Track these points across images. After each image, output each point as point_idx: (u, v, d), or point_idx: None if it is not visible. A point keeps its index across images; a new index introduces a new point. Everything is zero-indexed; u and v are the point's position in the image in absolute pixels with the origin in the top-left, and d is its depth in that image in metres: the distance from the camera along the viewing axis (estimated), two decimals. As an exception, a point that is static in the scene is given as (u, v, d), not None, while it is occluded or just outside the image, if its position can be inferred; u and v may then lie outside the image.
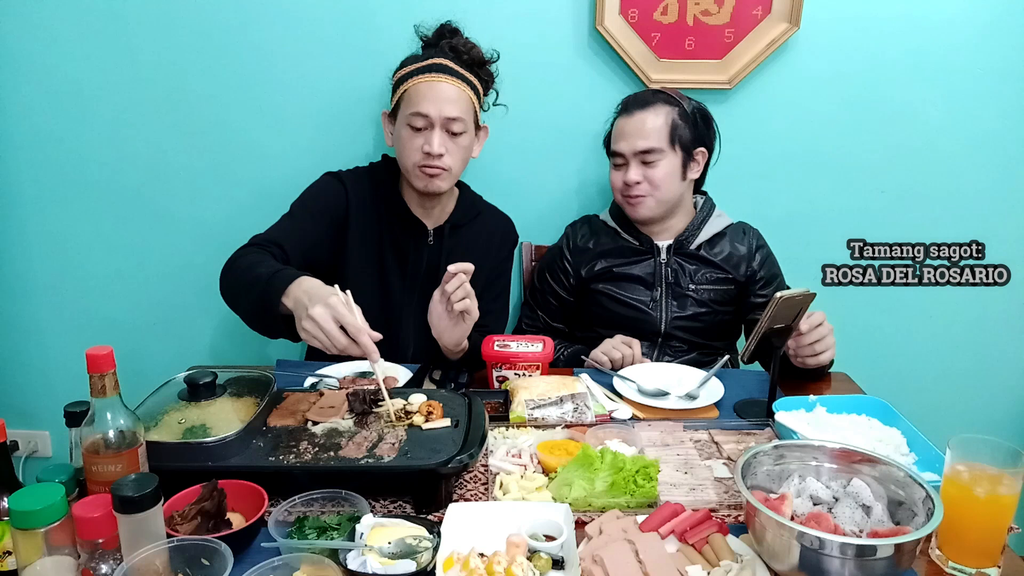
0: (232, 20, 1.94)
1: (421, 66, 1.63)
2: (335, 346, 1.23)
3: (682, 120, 1.73)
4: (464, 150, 1.67)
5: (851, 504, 1.05)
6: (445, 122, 1.61)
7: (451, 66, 1.64)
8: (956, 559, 1.02)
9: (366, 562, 0.94)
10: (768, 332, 1.38)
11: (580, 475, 1.15)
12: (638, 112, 1.73)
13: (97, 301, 2.17)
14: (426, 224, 1.76)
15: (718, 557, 1.00)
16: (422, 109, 1.60)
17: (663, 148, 1.72)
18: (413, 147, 1.63)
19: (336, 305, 1.23)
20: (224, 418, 1.16)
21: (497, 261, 1.86)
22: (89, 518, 0.89)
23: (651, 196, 1.75)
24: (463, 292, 1.48)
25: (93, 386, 0.97)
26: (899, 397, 1.48)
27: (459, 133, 1.63)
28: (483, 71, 1.71)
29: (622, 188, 1.77)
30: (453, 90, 1.62)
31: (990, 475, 1.01)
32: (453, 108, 1.61)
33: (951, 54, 1.96)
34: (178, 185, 2.07)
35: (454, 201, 1.81)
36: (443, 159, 1.62)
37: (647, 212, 1.77)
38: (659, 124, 1.72)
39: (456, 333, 1.56)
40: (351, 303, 1.25)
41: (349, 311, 1.23)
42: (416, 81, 1.62)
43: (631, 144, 1.73)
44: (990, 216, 2.08)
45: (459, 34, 1.70)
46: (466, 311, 1.50)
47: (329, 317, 1.22)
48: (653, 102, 1.74)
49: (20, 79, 1.99)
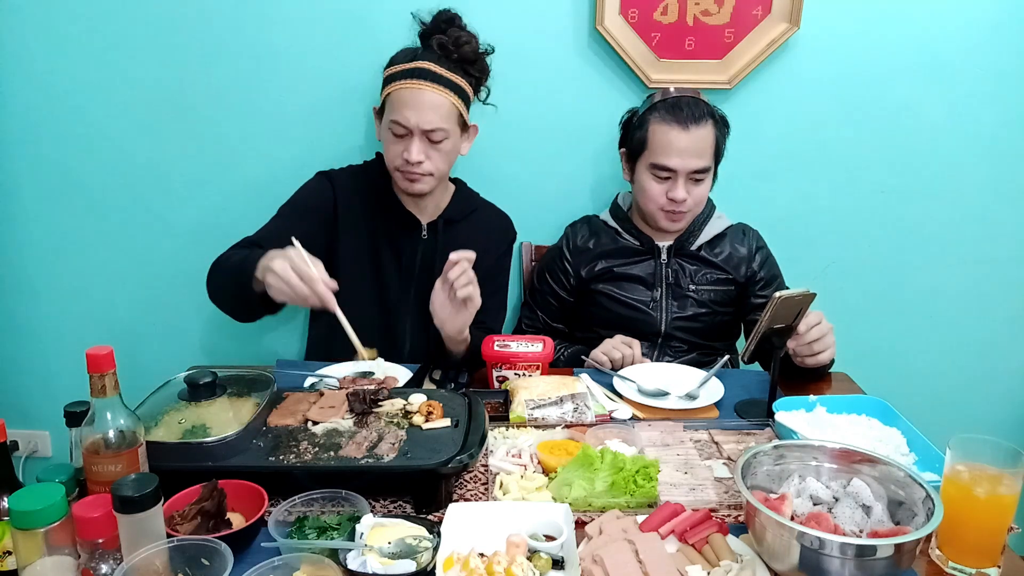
0: (229, 20, 1.94)
1: (406, 69, 1.61)
2: (296, 294, 1.32)
3: (719, 132, 1.71)
4: (447, 155, 1.66)
5: (851, 504, 1.05)
6: (425, 132, 1.60)
7: (436, 71, 1.61)
8: (956, 559, 1.02)
9: (366, 562, 0.94)
10: (768, 332, 1.38)
11: (580, 475, 1.15)
12: (694, 128, 1.65)
13: (97, 301, 2.17)
14: (420, 219, 1.76)
15: (718, 557, 1.00)
16: (401, 119, 1.59)
17: (711, 166, 1.71)
18: (395, 152, 1.64)
19: (293, 257, 1.32)
20: (224, 418, 1.16)
21: (495, 258, 1.85)
22: (89, 518, 0.89)
23: (691, 212, 1.74)
24: (466, 279, 1.48)
25: (93, 386, 0.97)
26: (899, 397, 1.48)
27: (440, 141, 1.62)
28: (474, 67, 1.67)
29: (665, 203, 1.71)
30: (436, 98, 1.59)
31: (990, 475, 1.01)
32: (434, 117, 1.59)
33: (951, 54, 1.96)
34: (178, 185, 2.07)
35: (449, 196, 1.81)
36: (423, 165, 1.62)
37: (682, 227, 1.77)
38: (710, 142, 1.68)
39: (458, 321, 1.55)
40: (307, 256, 1.34)
41: (304, 262, 1.32)
42: (399, 86, 1.60)
43: (686, 163, 1.66)
44: (990, 216, 2.08)
45: (456, 23, 1.67)
46: (468, 298, 1.49)
47: (287, 267, 1.32)
48: (704, 116, 1.67)
49: (20, 79, 1.99)
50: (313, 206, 1.71)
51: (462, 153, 1.73)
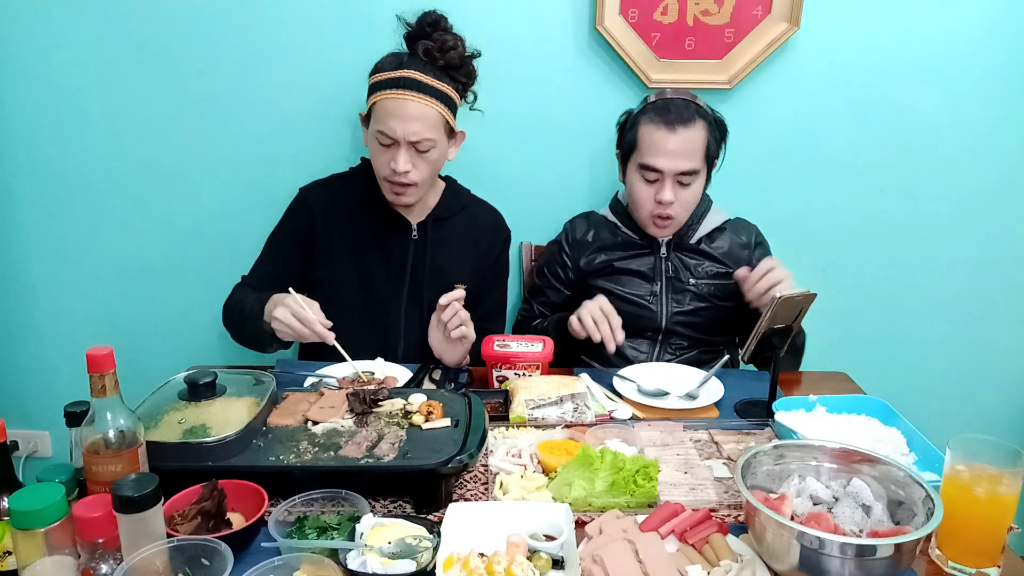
0: (229, 20, 1.94)
1: (391, 78, 1.59)
2: (299, 335, 1.52)
3: (710, 135, 1.70)
4: (433, 163, 1.65)
5: (851, 504, 1.05)
6: (411, 142, 1.59)
7: (421, 80, 1.58)
8: (956, 559, 1.02)
9: (366, 562, 0.94)
10: (768, 332, 1.38)
11: (580, 475, 1.15)
12: (682, 129, 1.65)
13: (97, 301, 2.17)
14: (409, 219, 1.76)
15: (718, 557, 1.00)
16: (387, 129, 1.58)
17: (700, 169, 1.70)
18: (381, 161, 1.64)
19: (291, 304, 1.50)
20: (224, 418, 1.16)
21: (490, 259, 1.85)
22: (89, 518, 0.89)
23: (679, 217, 1.74)
24: (457, 320, 1.56)
25: (93, 386, 0.97)
26: (899, 397, 1.48)
27: (427, 150, 1.61)
28: (460, 72, 1.64)
29: (653, 207, 1.71)
30: (420, 108, 1.58)
31: (990, 475, 1.01)
32: (419, 128, 1.58)
33: (951, 54, 1.96)
34: (178, 185, 2.07)
35: (438, 195, 1.80)
36: (409, 175, 1.61)
37: (672, 232, 1.77)
38: (699, 144, 1.68)
39: (456, 354, 1.65)
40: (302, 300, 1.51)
41: (301, 307, 1.50)
42: (384, 96, 1.59)
43: (673, 164, 1.66)
44: (990, 216, 2.08)
45: (441, 25, 1.63)
46: (464, 337, 1.58)
47: (288, 314, 1.50)
48: (693, 118, 1.66)
49: (20, 79, 1.99)
50: (292, 233, 1.77)
51: (449, 159, 1.72)
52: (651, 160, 1.68)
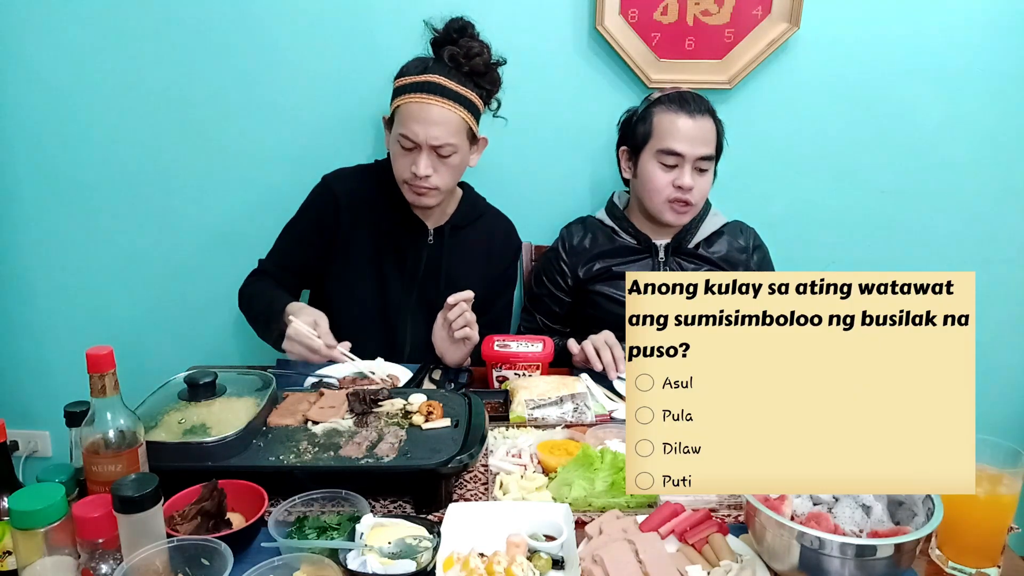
0: (233, 19, 1.94)
1: (416, 82, 1.59)
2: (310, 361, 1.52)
3: (719, 128, 1.75)
4: (454, 168, 1.65)
5: (851, 504, 1.05)
6: (433, 147, 1.59)
7: (445, 85, 1.58)
8: (956, 559, 1.02)
9: (366, 562, 0.94)
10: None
11: (580, 475, 1.15)
12: (700, 118, 1.69)
13: (97, 301, 2.17)
14: (427, 224, 1.76)
15: (718, 557, 1.00)
16: (410, 133, 1.58)
17: (714, 157, 1.74)
18: (403, 165, 1.63)
19: (298, 336, 1.49)
20: (224, 418, 1.16)
21: (500, 269, 1.86)
22: (89, 518, 0.89)
23: (695, 205, 1.75)
24: (463, 321, 1.56)
25: (93, 386, 0.97)
26: (899, 397, 1.48)
27: (449, 155, 1.61)
28: (485, 79, 1.65)
29: (672, 193, 1.71)
30: (444, 113, 1.58)
31: (990, 475, 1.01)
32: (442, 133, 1.58)
33: (951, 54, 1.96)
34: (178, 185, 2.07)
35: (456, 202, 1.80)
36: (430, 179, 1.61)
37: (688, 219, 1.77)
38: (714, 134, 1.72)
39: (458, 355, 1.65)
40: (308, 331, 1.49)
41: (308, 338, 1.48)
42: (408, 100, 1.59)
43: (694, 148, 1.68)
44: (989, 216, 2.08)
45: (468, 32, 1.64)
46: (467, 338, 1.58)
47: (297, 346, 1.49)
48: (707, 110, 1.72)
49: (20, 79, 1.99)
50: (315, 221, 1.75)
51: (471, 165, 1.72)
52: (672, 144, 1.69)
